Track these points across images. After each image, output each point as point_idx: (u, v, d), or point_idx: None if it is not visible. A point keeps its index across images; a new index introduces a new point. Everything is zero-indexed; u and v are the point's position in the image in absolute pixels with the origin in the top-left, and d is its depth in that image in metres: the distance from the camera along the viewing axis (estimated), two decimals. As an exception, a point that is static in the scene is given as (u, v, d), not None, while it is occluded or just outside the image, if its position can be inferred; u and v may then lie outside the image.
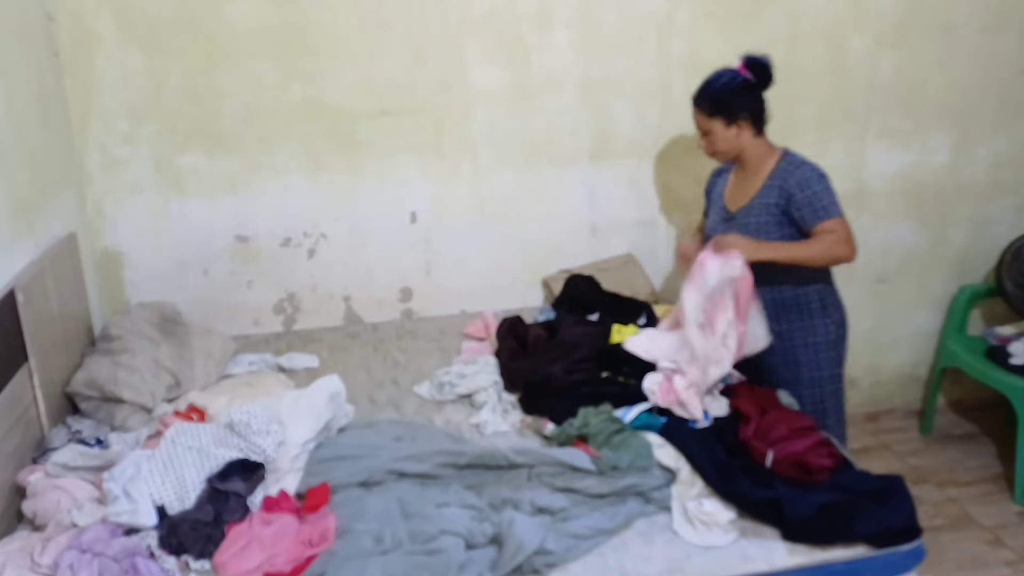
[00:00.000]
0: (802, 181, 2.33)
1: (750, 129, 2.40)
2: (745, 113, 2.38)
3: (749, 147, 2.42)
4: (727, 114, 2.37)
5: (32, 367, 2.17)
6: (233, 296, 3.00)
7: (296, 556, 1.76)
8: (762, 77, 2.38)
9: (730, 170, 2.56)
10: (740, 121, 2.38)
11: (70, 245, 2.58)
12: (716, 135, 2.41)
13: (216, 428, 2.07)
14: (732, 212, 2.48)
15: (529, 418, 2.33)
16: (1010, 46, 3.20)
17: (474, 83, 2.92)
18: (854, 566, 1.77)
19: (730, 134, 2.40)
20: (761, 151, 2.43)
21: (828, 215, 2.30)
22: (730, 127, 2.39)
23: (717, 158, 2.50)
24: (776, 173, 2.39)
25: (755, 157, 2.43)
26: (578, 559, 1.77)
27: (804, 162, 2.39)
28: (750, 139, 2.41)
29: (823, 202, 2.31)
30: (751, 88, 2.38)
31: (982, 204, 3.39)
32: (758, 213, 2.39)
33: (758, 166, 2.43)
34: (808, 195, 2.31)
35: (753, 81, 2.38)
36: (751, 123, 2.39)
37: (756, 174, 2.43)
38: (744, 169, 2.47)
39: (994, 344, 3.24)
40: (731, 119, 2.38)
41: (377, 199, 2.98)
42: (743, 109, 2.37)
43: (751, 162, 2.44)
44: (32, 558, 1.75)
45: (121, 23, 2.69)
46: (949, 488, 3.14)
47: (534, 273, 3.16)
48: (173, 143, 2.82)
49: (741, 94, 2.38)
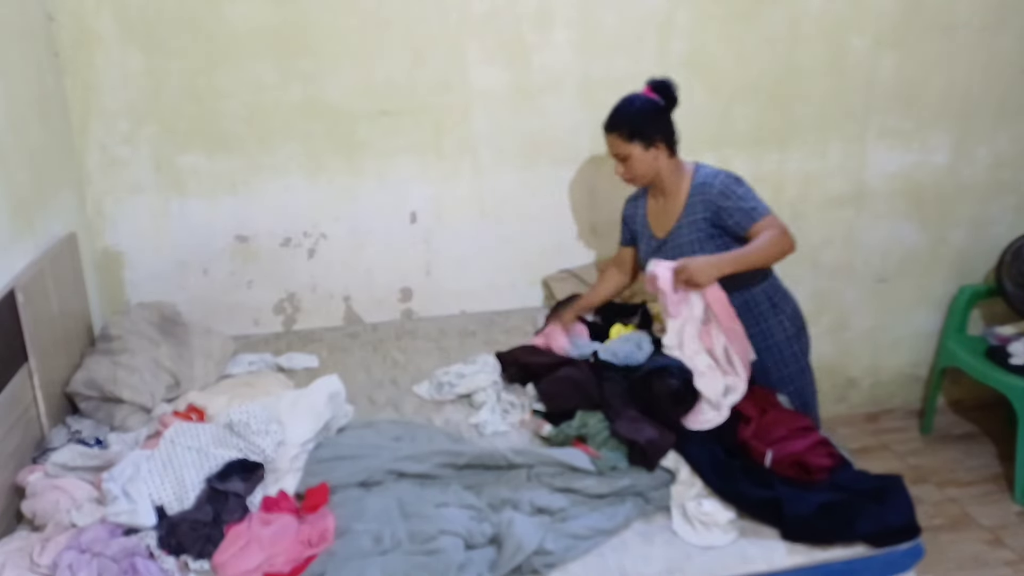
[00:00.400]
0: (724, 190, 2.37)
1: (665, 151, 2.44)
2: (660, 136, 2.42)
3: (665, 169, 2.46)
4: (645, 138, 2.41)
5: (32, 367, 2.17)
6: (233, 296, 3.00)
7: (295, 556, 1.76)
8: (670, 99, 2.43)
9: (644, 196, 2.60)
10: (657, 144, 2.42)
11: (70, 245, 2.58)
12: (635, 159, 2.44)
13: (215, 428, 2.07)
14: (661, 238, 2.50)
15: (528, 417, 2.33)
16: (1010, 46, 3.20)
17: (474, 83, 2.92)
18: (853, 566, 1.77)
19: (648, 157, 2.43)
20: (676, 171, 2.47)
21: (759, 214, 2.33)
22: (648, 150, 2.43)
23: (635, 183, 2.53)
24: (694, 189, 2.43)
25: (671, 179, 2.47)
26: (577, 559, 1.77)
27: (718, 172, 2.43)
28: (666, 160, 2.45)
29: (750, 204, 2.34)
30: (662, 111, 2.44)
31: (982, 204, 3.39)
32: (688, 232, 2.42)
33: (675, 187, 2.47)
34: (734, 201, 2.35)
35: (662, 104, 2.43)
36: (666, 145, 2.44)
37: (675, 195, 2.47)
38: (663, 192, 2.51)
39: (994, 344, 3.24)
40: (649, 142, 2.42)
41: (377, 199, 2.98)
42: (658, 132, 2.42)
43: (668, 184, 2.48)
44: (31, 558, 1.75)
45: (121, 23, 2.69)
46: (949, 488, 3.14)
47: (534, 273, 3.16)
48: (173, 143, 2.82)
49: (655, 117, 2.43)
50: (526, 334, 2.88)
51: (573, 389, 2.28)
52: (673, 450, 2.02)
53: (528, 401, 2.40)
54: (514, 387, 2.50)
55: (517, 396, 2.44)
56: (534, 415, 2.34)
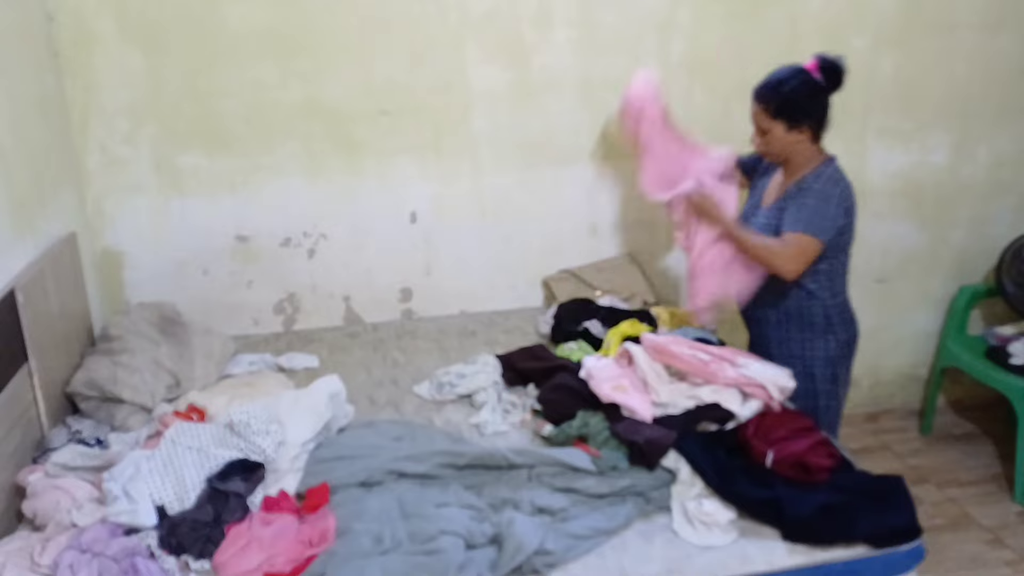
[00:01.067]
0: (806, 190, 2.29)
1: (810, 136, 2.30)
2: (809, 120, 2.27)
3: (802, 152, 2.32)
4: (792, 118, 2.27)
5: (32, 367, 2.17)
6: (233, 296, 3.00)
7: (296, 556, 1.76)
8: (833, 81, 2.26)
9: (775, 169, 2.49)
10: (802, 127, 2.28)
11: (70, 245, 2.58)
12: (774, 137, 2.30)
13: (216, 428, 2.07)
14: (761, 206, 2.45)
15: (528, 417, 2.33)
16: (1010, 46, 3.20)
17: (474, 83, 2.92)
18: (854, 566, 1.77)
19: (789, 139, 2.29)
20: (809, 157, 2.33)
21: (795, 228, 2.26)
22: (791, 132, 2.28)
23: (768, 158, 2.42)
24: (805, 179, 2.32)
25: (801, 162, 2.34)
26: (578, 559, 1.77)
27: (831, 174, 2.31)
28: (807, 145, 2.31)
29: (803, 214, 2.27)
30: (820, 92, 2.26)
31: (982, 204, 3.39)
32: (775, 215, 2.36)
33: (799, 170, 2.35)
34: (798, 203, 2.29)
35: (823, 85, 2.26)
36: (812, 131, 2.30)
37: (793, 176, 2.37)
38: (787, 169, 2.40)
39: (994, 344, 3.24)
40: (794, 124, 2.27)
41: (377, 199, 2.98)
42: (808, 115, 2.27)
43: (795, 165, 2.36)
44: (32, 558, 1.75)
45: (121, 23, 2.69)
46: (949, 488, 3.14)
47: (534, 273, 3.16)
48: (173, 143, 2.82)
49: (810, 98, 2.26)
50: (526, 334, 2.88)
51: (569, 395, 2.28)
52: (674, 450, 2.02)
53: (529, 401, 2.40)
54: (515, 387, 2.50)
55: (518, 396, 2.44)
56: (535, 415, 2.34)
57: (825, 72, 2.25)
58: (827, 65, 2.25)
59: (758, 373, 2.16)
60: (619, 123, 2.50)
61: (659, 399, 2.16)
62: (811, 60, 2.29)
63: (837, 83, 2.26)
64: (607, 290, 2.99)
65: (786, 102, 2.26)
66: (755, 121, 2.34)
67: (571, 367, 2.42)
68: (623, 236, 3.17)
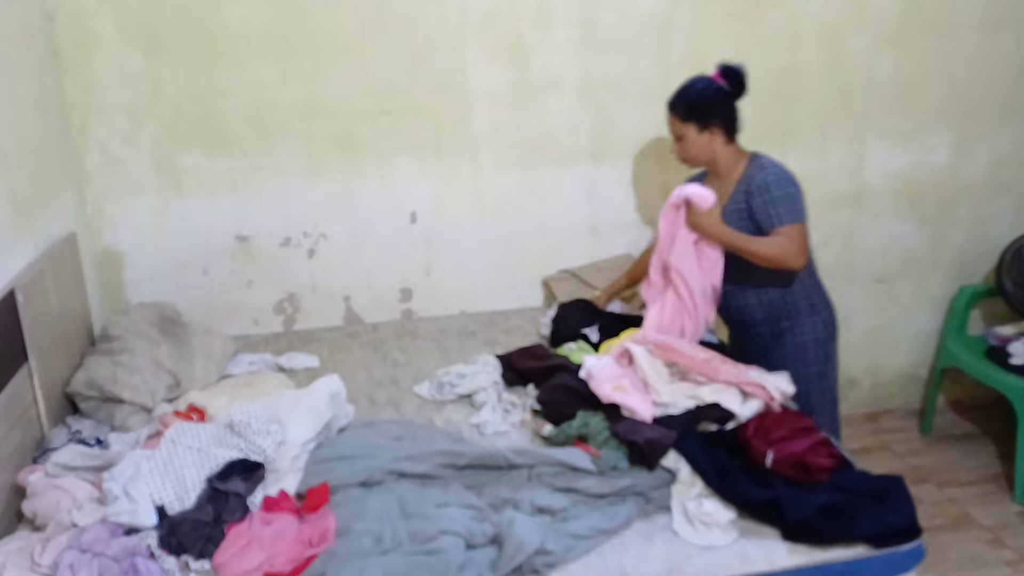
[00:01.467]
0: (761, 186, 2.36)
1: (722, 136, 2.44)
2: (718, 120, 2.42)
3: (721, 154, 2.46)
4: (700, 120, 2.42)
5: (32, 367, 2.17)
6: (233, 296, 3.00)
7: (296, 556, 1.76)
8: (736, 86, 2.42)
9: (703, 179, 2.58)
10: (712, 128, 2.43)
11: (70, 245, 2.58)
12: (688, 140, 2.45)
13: (216, 428, 2.07)
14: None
15: (528, 417, 2.33)
16: (1010, 46, 3.20)
17: (474, 83, 2.92)
18: (854, 566, 1.77)
19: (702, 140, 2.44)
20: (731, 158, 2.47)
21: (782, 221, 2.33)
22: (702, 133, 2.43)
23: (688, 163, 2.54)
24: (743, 178, 2.43)
25: (726, 164, 2.47)
26: (578, 559, 1.77)
27: (767, 166, 2.41)
28: (721, 146, 2.45)
29: (779, 208, 2.34)
30: (725, 96, 2.43)
31: (982, 204, 3.39)
32: (728, 220, 2.41)
33: (728, 173, 2.47)
34: (765, 199, 2.35)
35: (728, 90, 2.42)
36: (723, 130, 2.44)
37: (726, 181, 2.47)
38: (717, 177, 2.51)
39: (994, 344, 3.24)
40: (704, 125, 2.42)
41: (377, 199, 2.98)
42: (716, 116, 2.42)
43: (722, 169, 2.48)
44: (32, 558, 1.75)
45: (121, 23, 2.69)
46: (949, 488, 3.14)
47: (534, 273, 3.16)
48: (173, 143, 2.82)
49: (715, 101, 2.42)
50: (526, 334, 2.88)
51: (569, 395, 2.28)
52: (674, 450, 2.02)
53: (529, 401, 2.40)
54: (515, 387, 2.50)
55: (518, 396, 2.44)
56: (535, 415, 2.34)
57: (728, 78, 2.42)
58: (729, 72, 2.42)
59: (759, 373, 2.16)
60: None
61: (660, 399, 2.16)
62: (715, 69, 2.45)
63: (740, 88, 2.42)
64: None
65: (693, 105, 2.43)
66: (671, 130, 2.50)
67: (571, 367, 2.42)
68: (623, 236, 3.17)
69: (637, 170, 3.11)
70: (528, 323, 2.98)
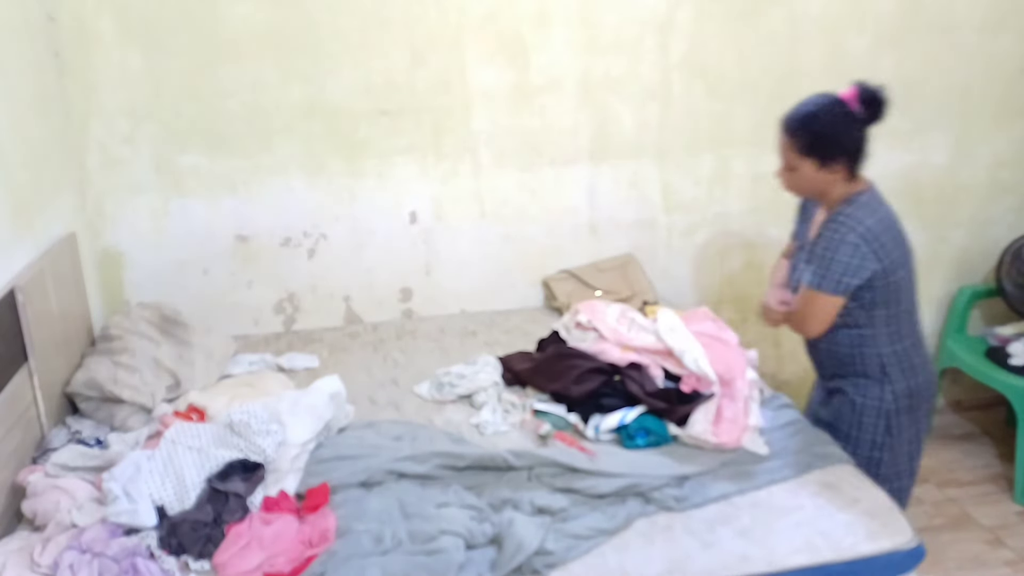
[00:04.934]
0: (823, 233, 2.07)
1: (844, 174, 2.04)
2: (844, 157, 2.02)
3: (836, 192, 2.08)
4: (823, 156, 2.01)
5: (32, 367, 2.17)
6: (233, 296, 3.00)
7: (296, 556, 1.76)
8: (873, 113, 2.01)
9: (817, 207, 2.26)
10: (835, 166, 2.02)
11: (70, 245, 2.58)
12: (802, 174, 2.05)
13: (216, 428, 2.07)
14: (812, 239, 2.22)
15: (529, 417, 2.33)
16: (1010, 46, 3.20)
17: (474, 83, 2.92)
18: (854, 566, 1.77)
19: (819, 177, 2.04)
20: (844, 192, 2.07)
21: (812, 283, 2.07)
22: (822, 170, 2.03)
23: (792, 193, 2.18)
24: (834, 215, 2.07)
25: (837, 198, 2.09)
26: (578, 559, 1.77)
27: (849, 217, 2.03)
28: (841, 183, 2.06)
29: (812, 266, 2.10)
30: (857, 124, 2.01)
31: (982, 204, 3.39)
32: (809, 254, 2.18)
33: (835, 204, 2.11)
34: (814, 250, 2.11)
35: (862, 117, 2.01)
36: (847, 168, 2.04)
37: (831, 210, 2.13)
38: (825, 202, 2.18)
39: (994, 344, 3.24)
40: (827, 162, 2.02)
41: (377, 199, 2.98)
42: (843, 152, 2.01)
43: (832, 200, 2.12)
44: (32, 558, 1.75)
45: (121, 23, 2.69)
46: (949, 488, 3.14)
47: (534, 273, 3.16)
48: (173, 143, 2.82)
49: (845, 133, 2.00)
50: (526, 334, 2.88)
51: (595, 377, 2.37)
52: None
53: (529, 402, 2.40)
54: (515, 387, 2.50)
55: (518, 396, 2.44)
56: (535, 415, 2.34)
57: (865, 103, 2.01)
58: (867, 96, 2.00)
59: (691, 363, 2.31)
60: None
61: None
62: (849, 88, 2.04)
63: (877, 115, 2.01)
64: (607, 290, 2.99)
65: (819, 136, 2.01)
66: (782, 154, 2.09)
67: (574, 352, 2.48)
68: (623, 236, 3.17)
69: (637, 170, 3.11)
70: (528, 323, 2.98)
